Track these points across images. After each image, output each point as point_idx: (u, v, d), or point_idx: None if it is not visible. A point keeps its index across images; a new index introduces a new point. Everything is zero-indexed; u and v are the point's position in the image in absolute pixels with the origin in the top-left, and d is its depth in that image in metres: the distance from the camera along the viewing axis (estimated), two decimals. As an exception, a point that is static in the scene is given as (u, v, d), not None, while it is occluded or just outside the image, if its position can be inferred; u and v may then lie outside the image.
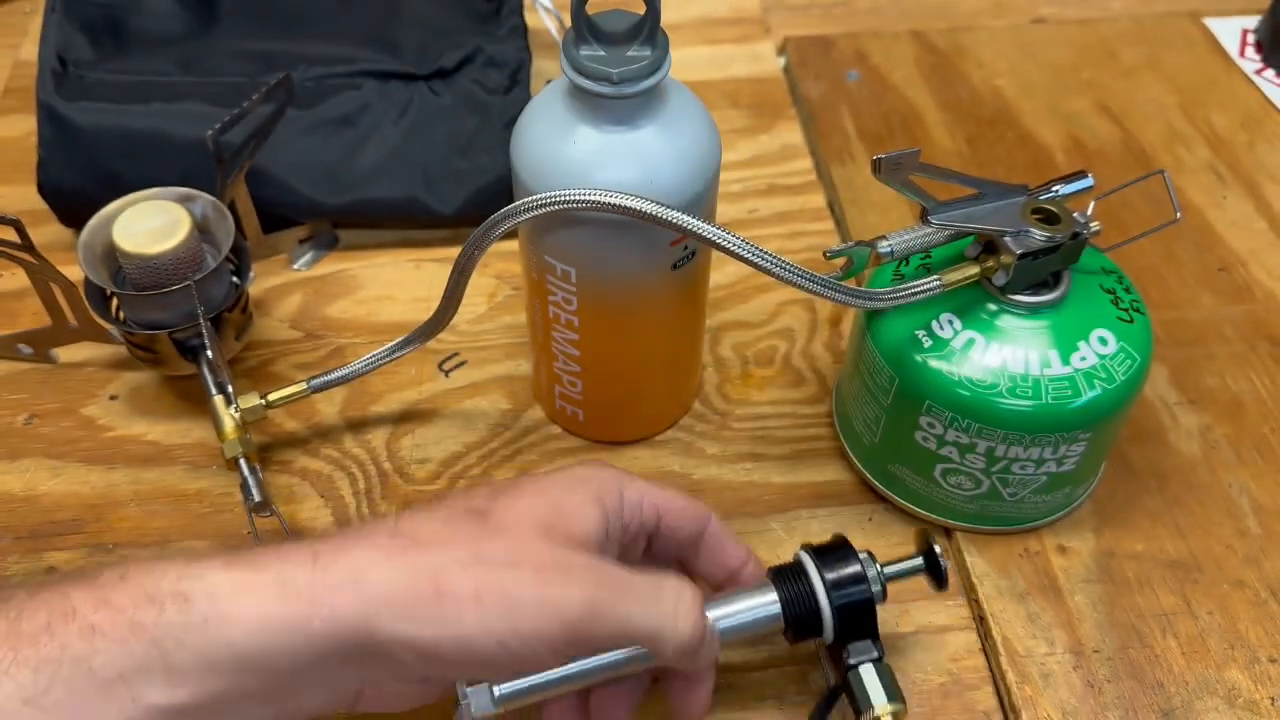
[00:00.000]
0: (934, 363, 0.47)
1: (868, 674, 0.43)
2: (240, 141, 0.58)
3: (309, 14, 0.70)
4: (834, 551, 0.44)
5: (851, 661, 0.43)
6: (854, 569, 0.43)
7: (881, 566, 0.44)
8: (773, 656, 0.49)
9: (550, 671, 0.42)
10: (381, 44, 0.68)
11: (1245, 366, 0.60)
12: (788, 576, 0.44)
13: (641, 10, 0.42)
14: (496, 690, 0.43)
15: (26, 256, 0.52)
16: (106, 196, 0.54)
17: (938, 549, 0.44)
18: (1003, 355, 0.46)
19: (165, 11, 0.69)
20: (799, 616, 0.43)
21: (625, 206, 0.42)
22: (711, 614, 0.42)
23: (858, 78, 0.77)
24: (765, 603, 0.43)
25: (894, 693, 0.43)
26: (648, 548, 0.44)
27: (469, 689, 0.43)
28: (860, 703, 0.43)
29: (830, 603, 0.43)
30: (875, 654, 0.43)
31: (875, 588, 0.43)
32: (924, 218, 0.45)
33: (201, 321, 0.52)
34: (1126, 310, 0.48)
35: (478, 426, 0.58)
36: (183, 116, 0.62)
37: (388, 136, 0.65)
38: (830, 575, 0.43)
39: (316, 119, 0.64)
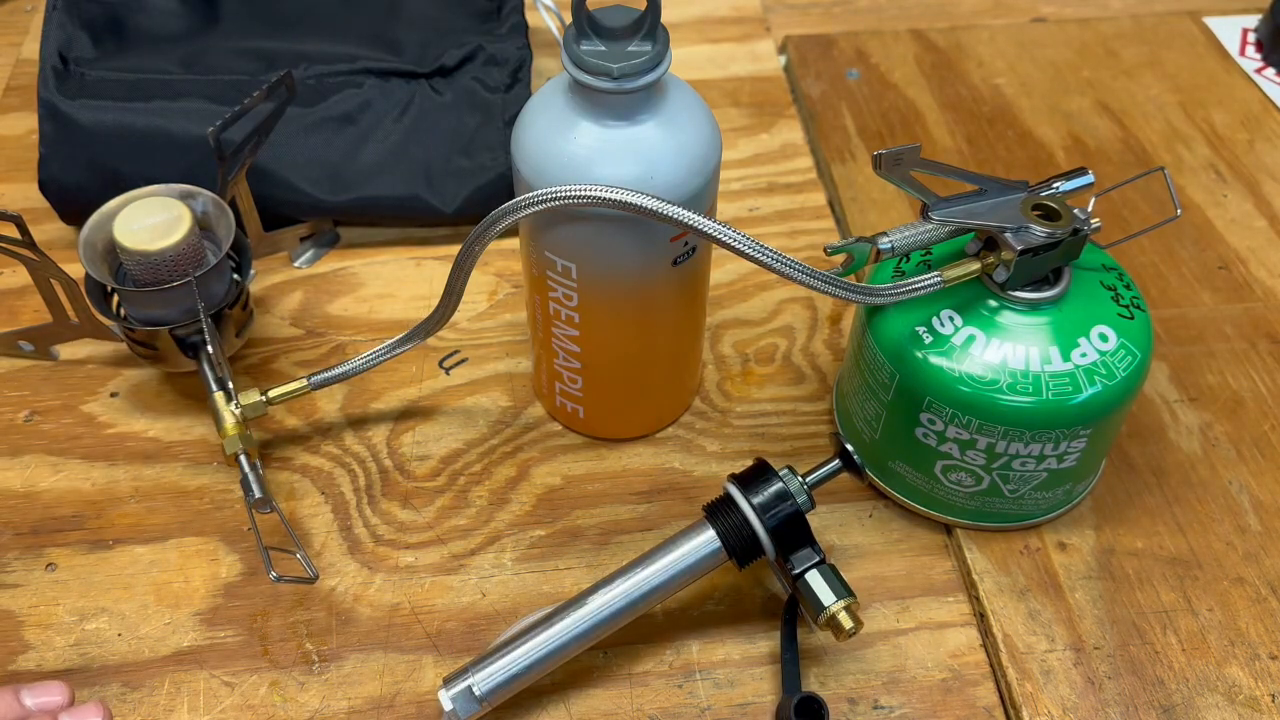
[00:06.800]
0: (935, 359, 0.47)
1: (814, 579, 0.45)
2: (241, 139, 0.58)
3: (310, 12, 0.70)
4: (757, 476, 0.46)
5: (797, 570, 0.45)
6: (778, 487, 0.45)
7: (803, 477, 0.46)
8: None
9: (525, 657, 0.44)
10: (383, 42, 0.68)
11: (1245, 364, 0.60)
12: (720, 511, 0.46)
13: (642, 6, 0.42)
14: (477, 689, 0.44)
15: (28, 253, 0.52)
16: (107, 194, 0.54)
17: (849, 447, 0.46)
18: (1003, 351, 0.46)
19: (167, 10, 0.69)
20: (739, 545, 0.46)
21: (625, 202, 0.42)
22: (659, 562, 0.46)
23: (858, 76, 0.78)
24: (706, 541, 0.46)
25: (841, 590, 0.45)
26: None
27: (449, 694, 0.43)
28: (813, 607, 0.45)
29: (764, 525, 0.45)
30: (817, 558, 0.45)
31: (801, 498, 0.46)
32: (925, 214, 0.45)
33: (202, 318, 0.52)
34: (1127, 307, 0.48)
35: (478, 423, 0.58)
36: (184, 114, 0.63)
37: (389, 134, 0.65)
38: (757, 500, 0.45)
39: (318, 117, 0.64)
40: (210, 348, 0.53)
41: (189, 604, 0.51)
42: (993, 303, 0.47)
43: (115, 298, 0.56)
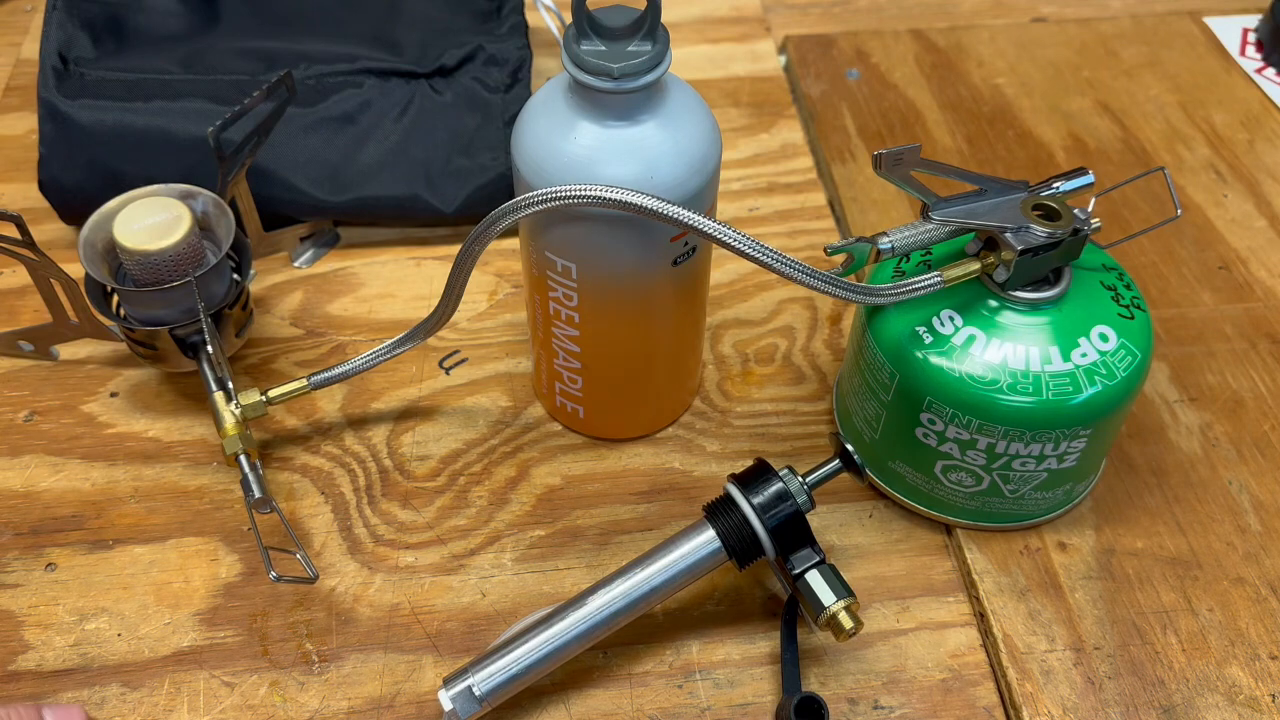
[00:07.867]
0: (935, 359, 0.47)
1: (814, 579, 0.45)
2: (241, 139, 0.58)
3: (310, 12, 0.70)
4: (757, 476, 0.46)
5: (797, 570, 0.45)
6: (778, 487, 0.45)
7: (803, 477, 0.46)
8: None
9: (525, 657, 0.44)
10: (383, 42, 0.68)
11: (1245, 364, 0.60)
12: (720, 511, 0.46)
13: (642, 6, 0.42)
14: (477, 689, 0.44)
15: (28, 253, 0.52)
16: (107, 194, 0.54)
17: (849, 447, 0.46)
18: (1003, 352, 0.46)
19: (167, 10, 0.69)
20: (739, 546, 0.46)
21: (625, 202, 0.42)
22: (659, 562, 0.46)
23: (858, 76, 0.78)
24: (706, 541, 0.46)
25: (841, 590, 0.45)
26: None
27: (449, 694, 0.43)
28: (813, 607, 0.45)
29: (764, 525, 0.45)
30: (817, 558, 0.45)
31: (801, 499, 0.46)
32: (925, 213, 0.45)
33: (202, 318, 0.52)
34: (1127, 307, 0.48)
35: (478, 423, 0.58)
36: (184, 114, 0.63)
37: (389, 134, 0.65)
38: (757, 500, 0.45)
39: (318, 117, 0.64)
40: (210, 348, 0.53)
41: (189, 604, 0.51)
42: (993, 303, 0.47)
43: (115, 298, 0.56)
